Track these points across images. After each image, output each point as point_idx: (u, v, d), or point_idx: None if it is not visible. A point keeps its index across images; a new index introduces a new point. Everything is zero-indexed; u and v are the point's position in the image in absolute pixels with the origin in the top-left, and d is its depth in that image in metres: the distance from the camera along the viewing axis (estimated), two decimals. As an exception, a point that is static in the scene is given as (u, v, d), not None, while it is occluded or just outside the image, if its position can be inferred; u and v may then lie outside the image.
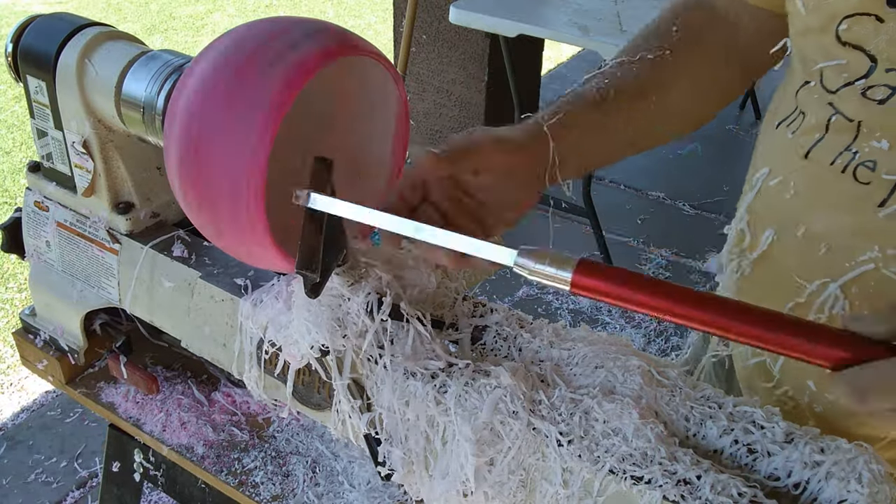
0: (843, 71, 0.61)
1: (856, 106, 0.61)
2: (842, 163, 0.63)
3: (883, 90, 0.59)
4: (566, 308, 2.49)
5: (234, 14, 5.22)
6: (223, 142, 0.57)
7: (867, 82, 0.60)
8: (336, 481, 0.88)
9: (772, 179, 0.71)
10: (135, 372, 0.96)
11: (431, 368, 0.63)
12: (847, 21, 0.59)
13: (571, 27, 2.27)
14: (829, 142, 0.64)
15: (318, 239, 0.61)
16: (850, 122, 0.62)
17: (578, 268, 0.53)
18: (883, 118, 0.60)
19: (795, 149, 0.67)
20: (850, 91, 0.61)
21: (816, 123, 0.65)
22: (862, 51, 0.59)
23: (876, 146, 0.60)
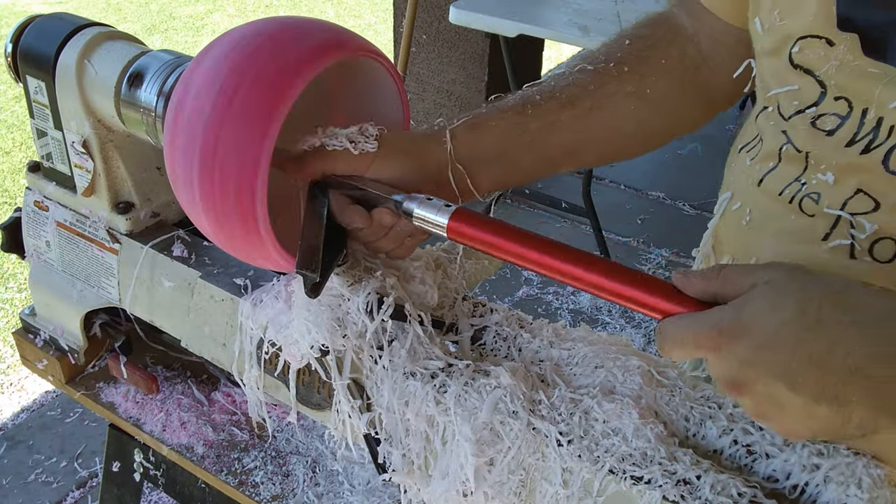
0: (794, 98, 0.60)
1: (805, 136, 0.60)
2: (790, 193, 0.62)
3: (832, 120, 0.57)
4: (566, 308, 2.49)
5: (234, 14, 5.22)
6: (224, 142, 0.57)
7: (817, 110, 0.58)
8: (336, 481, 0.88)
9: (733, 205, 0.69)
10: (135, 372, 0.96)
11: (431, 368, 0.63)
12: (799, 43, 0.57)
13: (571, 27, 2.27)
14: (781, 171, 0.63)
15: (318, 239, 0.61)
16: (798, 152, 0.60)
17: (454, 215, 0.58)
18: (830, 150, 0.58)
19: (752, 175, 0.66)
20: (801, 119, 0.59)
21: (771, 151, 0.64)
22: (812, 76, 0.57)
23: (822, 178, 0.59)
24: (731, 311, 0.47)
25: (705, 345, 0.48)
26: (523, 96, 0.70)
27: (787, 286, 0.46)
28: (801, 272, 0.47)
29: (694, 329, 0.48)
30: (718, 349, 0.47)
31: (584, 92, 0.70)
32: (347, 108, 0.72)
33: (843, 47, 0.55)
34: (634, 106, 0.72)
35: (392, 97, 0.69)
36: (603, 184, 3.15)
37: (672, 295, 0.51)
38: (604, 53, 0.73)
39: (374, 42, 0.74)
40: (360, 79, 0.69)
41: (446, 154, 0.66)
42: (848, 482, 0.52)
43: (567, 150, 0.72)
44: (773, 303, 0.45)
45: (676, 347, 0.49)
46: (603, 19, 2.32)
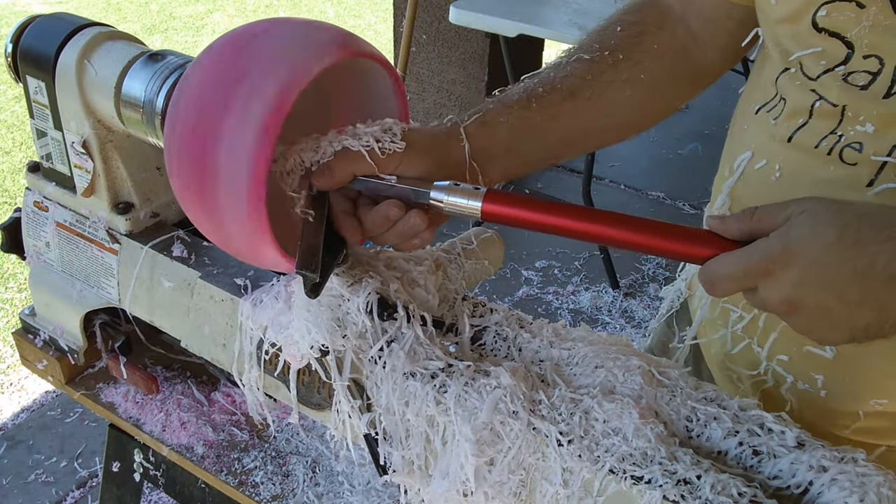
0: (820, 58, 0.62)
1: (839, 91, 0.62)
2: (827, 145, 0.63)
3: (864, 76, 0.60)
4: (566, 308, 2.49)
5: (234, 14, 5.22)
6: (224, 142, 0.57)
7: (846, 68, 0.60)
8: (336, 481, 0.88)
9: (756, 163, 0.71)
10: (134, 372, 0.96)
11: (431, 368, 0.63)
12: (826, 7, 0.59)
13: (571, 27, 2.27)
14: (813, 126, 0.64)
15: (318, 239, 0.61)
16: (834, 106, 0.62)
17: (486, 197, 0.60)
18: (867, 103, 0.60)
19: (778, 133, 0.68)
20: (832, 77, 0.62)
21: (799, 109, 0.65)
22: (839, 38, 0.60)
23: (861, 130, 0.61)
24: (778, 240, 0.52)
25: (756, 274, 0.53)
26: (526, 89, 0.71)
27: (824, 213, 0.51)
28: (831, 201, 0.52)
29: (744, 261, 0.53)
30: (770, 275, 0.52)
31: (582, 82, 0.72)
32: (347, 108, 0.72)
33: (874, 9, 0.57)
34: (630, 92, 0.74)
35: (391, 98, 0.69)
36: (603, 184, 3.15)
37: (712, 241, 0.55)
38: (597, 41, 0.75)
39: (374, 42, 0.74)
40: (359, 79, 0.69)
41: (462, 151, 0.67)
42: (853, 491, 0.51)
43: (569, 141, 0.74)
44: (815, 229, 0.51)
45: (728, 282, 0.54)
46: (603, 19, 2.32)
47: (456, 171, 0.67)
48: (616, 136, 0.78)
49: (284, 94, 0.57)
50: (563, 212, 0.59)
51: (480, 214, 0.60)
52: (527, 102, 0.70)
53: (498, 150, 0.69)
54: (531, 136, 0.71)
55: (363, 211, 0.64)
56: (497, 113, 0.69)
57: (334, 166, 0.62)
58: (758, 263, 0.52)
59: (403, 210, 0.62)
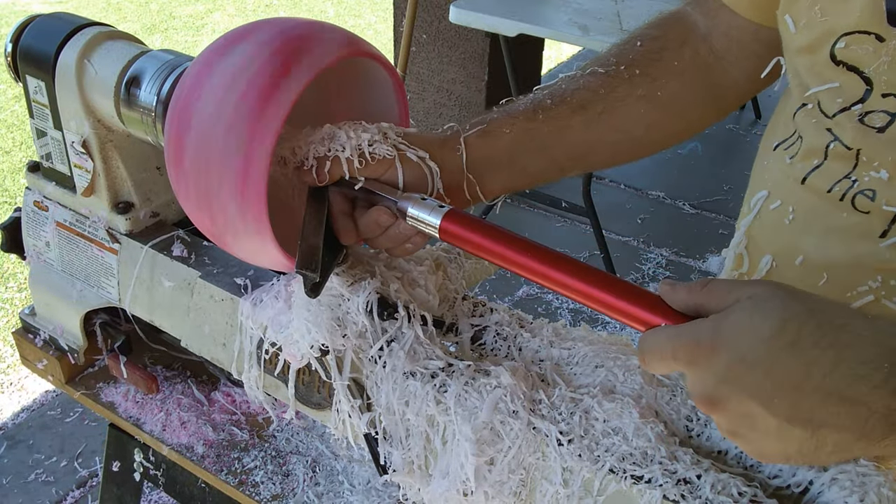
0: (837, 95, 0.59)
1: (854, 133, 0.59)
2: (840, 191, 0.61)
3: (881, 117, 0.56)
4: (566, 308, 2.49)
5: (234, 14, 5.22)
6: (224, 142, 0.57)
7: (864, 108, 0.57)
8: (336, 481, 0.88)
9: (771, 203, 0.68)
10: (135, 371, 0.96)
11: (431, 368, 0.63)
12: (845, 39, 0.56)
13: (571, 27, 2.27)
14: (828, 169, 0.62)
15: (318, 239, 0.61)
16: (848, 149, 0.59)
17: (447, 216, 0.59)
18: (882, 148, 0.57)
19: (793, 174, 0.65)
20: (847, 117, 0.59)
21: (814, 149, 0.62)
22: (857, 72, 0.56)
23: (875, 176, 0.58)
24: (710, 325, 0.46)
25: (683, 357, 0.47)
26: (534, 101, 0.69)
27: (769, 303, 0.45)
28: (785, 290, 0.46)
29: (673, 341, 0.47)
30: (695, 363, 0.46)
31: (594, 96, 0.69)
32: (348, 108, 0.72)
33: (894, 43, 0.53)
34: (645, 109, 0.71)
35: (391, 97, 0.69)
36: (603, 183, 3.15)
37: (656, 306, 0.50)
38: (615, 56, 0.72)
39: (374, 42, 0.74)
40: (359, 79, 0.69)
41: (459, 160, 0.66)
42: (853, 491, 0.51)
43: (576, 155, 0.71)
44: (753, 319, 0.44)
45: (655, 359, 0.49)
46: (603, 19, 2.32)
47: (450, 180, 0.65)
48: (628, 155, 0.75)
49: (285, 93, 0.57)
50: (517, 246, 0.56)
51: (438, 232, 0.59)
52: (533, 114, 0.68)
53: (499, 160, 0.67)
54: (535, 148, 0.68)
55: (359, 213, 0.64)
56: (501, 123, 0.68)
57: (320, 167, 0.62)
58: (685, 345, 0.47)
59: (394, 217, 0.61)
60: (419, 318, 0.65)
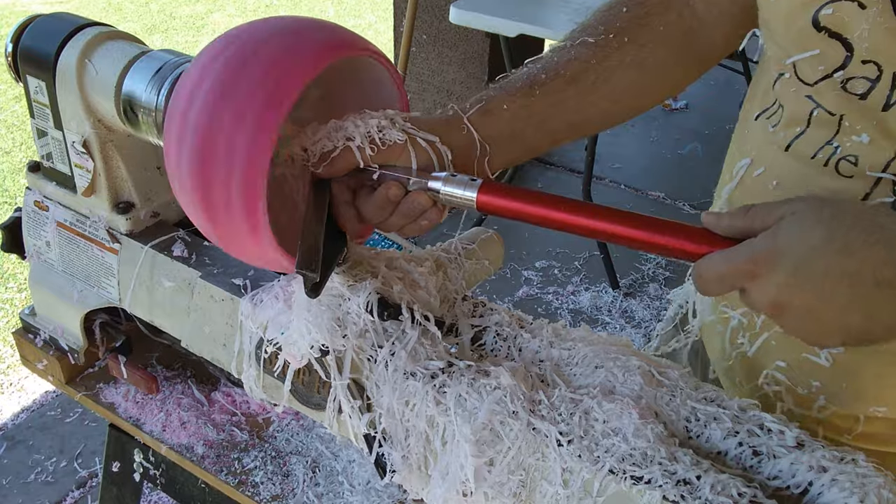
0: (818, 63, 0.60)
1: (836, 99, 0.60)
2: (823, 157, 0.62)
3: (862, 83, 0.58)
4: (566, 308, 2.49)
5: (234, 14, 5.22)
6: (224, 142, 0.57)
7: (845, 74, 0.59)
8: (336, 481, 0.88)
9: (754, 170, 0.70)
10: (135, 372, 0.96)
11: (431, 368, 0.63)
12: (832, 5, 0.58)
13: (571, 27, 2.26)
14: (811, 136, 0.63)
15: (319, 239, 0.61)
16: (831, 115, 0.61)
17: (482, 188, 0.60)
18: (864, 113, 0.59)
19: (776, 141, 0.67)
20: (829, 84, 0.60)
21: (797, 117, 0.64)
22: (839, 39, 0.58)
23: (857, 140, 0.60)
24: (765, 241, 0.51)
25: (744, 275, 0.52)
26: (529, 75, 0.71)
27: (814, 214, 0.50)
28: (823, 201, 0.51)
29: (731, 262, 0.52)
30: (757, 276, 0.52)
31: (587, 66, 0.72)
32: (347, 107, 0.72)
33: (875, 9, 0.56)
34: (635, 75, 0.73)
35: (392, 97, 0.69)
36: (603, 184, 3.15)
37: (704, 237, 0.55)
38: (602, 23, 0.74)
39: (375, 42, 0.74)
40: (359, 78, 0.69)
41: (464, 139, 0.67)
42: (853, 491, 0.51)
43: (571, 124, 0.74)
44: (803, 230, 0.50)
45: (716, 282, 0.54)
46: (603, 19, 2.32)
47: (456, 159, 0.67)
48: (619, 119, 0.78)
49: (285, 93, 0.57)
50: (557, 204, 0.59)
51: (476, 204, 0.61)
52: (529, 90, 0.70)
53: (501, 138, 0.69)
54: (534, 123, 0.71)
55: (363, 200, 0.64)
56: (500, 101, 0.69)
57: (336, 157, 0.63)
58: (744, 264, 0.52)
59: (403, 190, 0.63)
60: (421, 319, 0.65)
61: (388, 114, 0.64)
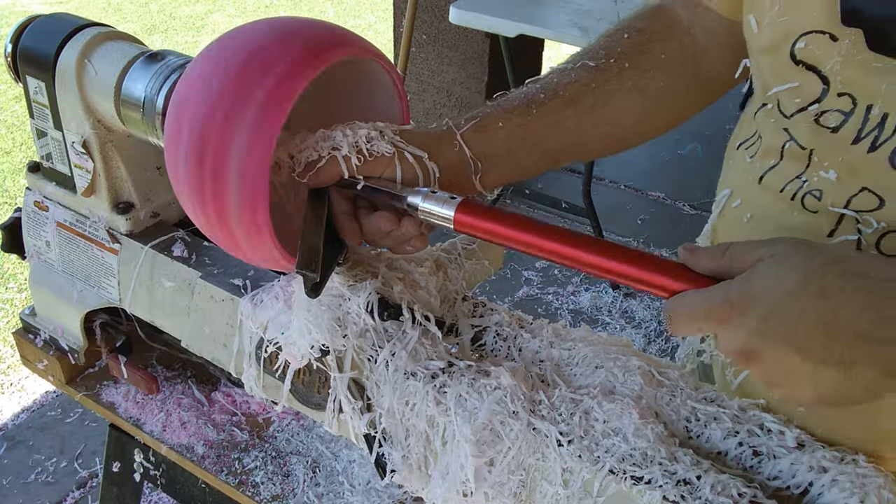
0: (796, 95, 0.59)
1: (808, 133, 0.59)
2: (790, 190, 0.61)
3: (836, 116, 0.57)
4: (566, 308, 2.49)
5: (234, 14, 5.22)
6: (224, 142, 0.57)
7: (820, 107, 0.58)
8: (336, 481, 0.88)
9: (733, 202, 0.69)
10: (135, 372, 0.96)
11: (431, 369, 0.63)
12: (804, 38, 0.57)
13: (571, 27, 2.27)
14: (783, 168, 0.62)
15: (319, 239, 0.61)
16: (802, 149, 0.60)
17: (460, 206, 0.59)
18: (834, 148, 0.58)
19: (752, 172, 0.66)
20: (804, 117, 0.59)
21: (772, 149, 0.63)
22: (815, 72, 0.57)
23: (824, 176, 0.59)
24: (740, 284, 0.49)
25: (716, 318, 0.50)
26: (527, 94, 0.70)
27: (792, 258, 0.48)
28: (804, 244, 0.49)
29: (704, 303, 0.50)
30: (729, 321, 0.49)
31: (586, 89, 0.71)
32: (348, 108, 0.72)
33: (847, 42, 0.54)
34: (635, 101, 0.72)
35: (391, 97, 0.69)
36: (603, 184, 3.15)
37: (679, 273, 0.52)
38: (604, 48, 0.73)
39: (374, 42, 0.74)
40: (359, 79, 0.69)
41: (456, 155, 0.66)
42: (853, 493, 0.51)
43: (568, 147, 0.72)
44: (779, 274, 0.47)
45: (686, 322, 0.51)
46: (603, 19, 2.32)
47: (447, 175, 0.66)
48: (617, 146, 0.77)
49: (285, 94, 0.57)
50: (535, 230, 0.57)
51: (453, 223, 0.59)
52: (526, 108, 0.69)
53: (494, 156, 0.68)
54: (529, 143, 0.69)
55: (362, 213, 0.64)
56: (495, 118, 0.68)
57: (322, 167, 0.62)
58: (718, 307, 0.49)
59: (396, 222, 0.62)
60: (422, 319, 0.65)
61: (377, 125, 0.64)
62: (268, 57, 0.58)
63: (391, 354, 0.64)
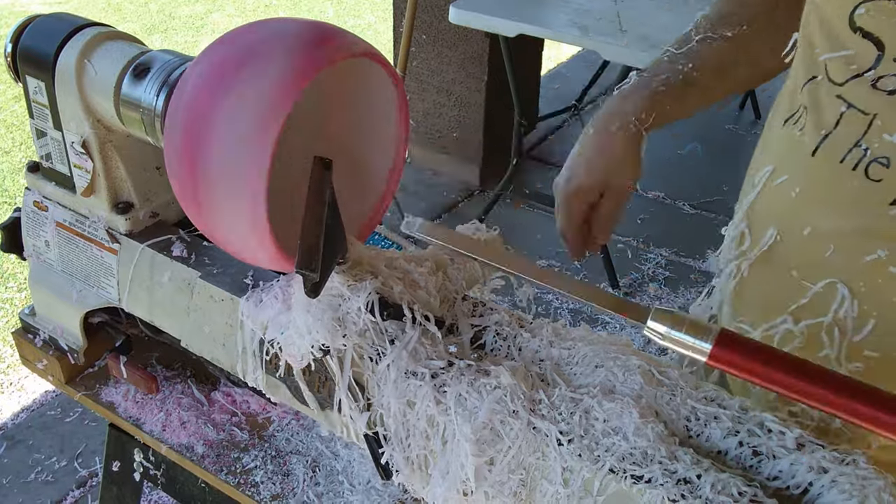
0: (849, 63, 0.60)
1: (866, 98, 0.59)
2: (852, 160, 0.61)
3: (893, 80, 0.57)
4: (566, 307, 2.49)
5: (233, 14, 5.22)
6: (224, 143, 0.57)
7: (876, 73, 0.58)
8: (336, 481, 0.88)
9: (776, 178, 0.69)
10: (134, 371, 0.96)
11: (432, 368, 0.63)
12: (865, 6, 0.58)
13: (571, 27, 2.27)
14: (839, 138, 0.62)
15: (318, 239, 0.61)
16: (863, 115, 0.60)
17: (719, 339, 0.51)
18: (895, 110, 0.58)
19: (802, 147, 0.66)
20: (860, 83, 0.59)
21: (825, 119, 0.63)
22: (871, 39, 0.58)
23: (888, 140, 0.58)
24: None
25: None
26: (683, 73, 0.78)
27: None
28: None
29: None
30: None
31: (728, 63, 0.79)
32: (347, 108, 0.72)
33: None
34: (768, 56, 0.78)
35: (391, 98, 0.69)
36: (603, 183, 3.14)
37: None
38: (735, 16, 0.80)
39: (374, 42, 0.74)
40: (359, 80, 0.69)
41: None
42: (852, 494, 0.51)
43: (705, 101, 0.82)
44: None
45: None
46: (603, 19, 2.32)
47: None
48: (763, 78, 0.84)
49: (285, 95, 0.57)
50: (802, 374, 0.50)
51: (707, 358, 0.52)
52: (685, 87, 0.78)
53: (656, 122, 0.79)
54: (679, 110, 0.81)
55: None
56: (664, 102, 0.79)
57: None
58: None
59: None
60: (422, 319, 0.65)
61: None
62: (267, 58, 0.58)
63: (392, 354, 0.64)
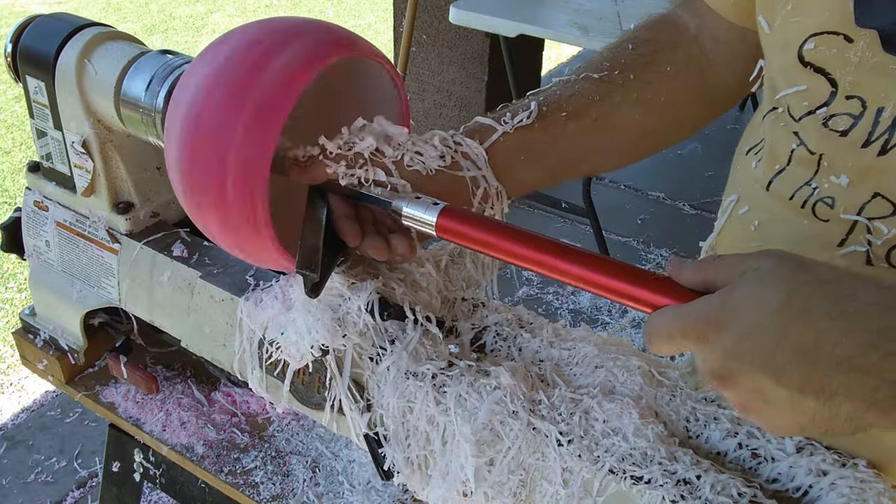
0: (804, 98, 0.58)
1: (817, 137, 0.58)
2: (801, 198, 0.60)
3: (845, 120, 0.55)
4: (566, 308, 2.49)
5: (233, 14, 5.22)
6: (224, 142, 0.57)
7: (828, 110, 0.56)
8: (336, 481, 0.88)
9: (740, 208, 0.68)
10: (135, 372, 0.96)
11: (432, 368, 0.63)
12: (813, 40, 0.55)
13: (571, 27, 2.27)
14: (790, 174, 0.61)
15: (318, 239, 0.61)
16: (811, 154, 0.59)
17: (443, 212, 0.58)
18: (844, 152, 0.56)
19: (760, 179, 0.64)
20: (812, 120, 0.58)
21: (780, 153, 0.62)
22: (823, 74, 0.56)
23: (835, 182, 0.57)
24: (717, 300, 0.45)
25: (691, 335, 0.46)
26: (528, 107, 0.69)
27: (776, 273, 0.44)
28: (792, 260, 0.45)
29: (681, 320, 0.46)
30: (704, 340, 0.46)
31: (589, 103, 0.69)
32: (347, 108, 0.72)
33: (862, 44, 0.53)
34: (639, 115, 0.70)
35: (391, 98, 0.69)
36: (603, 184, 3.15)
37: (662, 287, 0.49)
38: (608, 60, 0.71)
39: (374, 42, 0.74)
40: (359, 79, 0.69)
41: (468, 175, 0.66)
42: (852, 498, 0.51)
43: (569, 161, 0.71)
44: (759, 291, 0.44)
45: (663, 340, 0.48)
46: (603, 19, 2.32)
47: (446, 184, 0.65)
48: (619, 160, 0.75)
49: (286, 94, 0.57)
50: (518, 239, 0.55)
51: (434, 229, 0.58)
52: (530, 123, 0.68)
53: (495, 169, 0.67)
54: (530, 157, 0.68)
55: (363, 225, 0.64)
56: (493, 131, 0.68)
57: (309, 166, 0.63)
58: (693, 323, 0.46)
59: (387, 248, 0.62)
60: (423, 319, 0.65)
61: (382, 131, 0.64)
62: (267, 58, 0.58)
63: (392, 354, 0.64)
